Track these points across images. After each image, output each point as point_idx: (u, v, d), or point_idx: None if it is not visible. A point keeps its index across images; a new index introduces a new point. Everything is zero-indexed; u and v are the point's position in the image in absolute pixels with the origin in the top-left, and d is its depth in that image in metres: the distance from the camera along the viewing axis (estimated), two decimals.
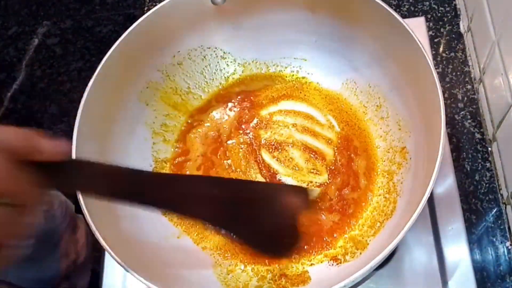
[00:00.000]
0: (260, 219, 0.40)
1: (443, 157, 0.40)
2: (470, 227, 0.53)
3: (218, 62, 0.61)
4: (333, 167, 0.55)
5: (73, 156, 0.45)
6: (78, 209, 0.43)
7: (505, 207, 0.54)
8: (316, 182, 0.55)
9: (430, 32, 0.65)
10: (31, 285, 0.62)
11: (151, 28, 0.53)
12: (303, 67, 0.61)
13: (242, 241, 0.44)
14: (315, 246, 0.51)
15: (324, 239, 0.51)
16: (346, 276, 0.38)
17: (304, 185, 0.55)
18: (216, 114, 0.61)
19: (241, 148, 0.58)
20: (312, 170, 0.55)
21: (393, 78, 0.53)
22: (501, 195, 0.54)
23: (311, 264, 0.50)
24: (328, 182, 0.55)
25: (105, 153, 0.51)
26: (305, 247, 0.51)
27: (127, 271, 0.40)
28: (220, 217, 0.39)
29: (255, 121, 0.60)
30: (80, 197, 0.43)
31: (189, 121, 0.60)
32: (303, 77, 0.61)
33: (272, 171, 0.56)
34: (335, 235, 0.51)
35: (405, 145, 0.52)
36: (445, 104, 0.56)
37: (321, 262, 0.50)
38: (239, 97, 0.61)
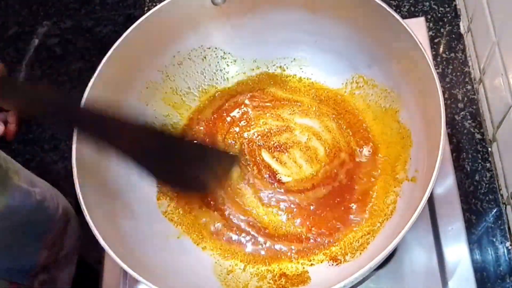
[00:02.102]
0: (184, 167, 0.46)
1: (443, 157, 0.40)
2: (470, 227, 0.53)
3: (218, 62, 0.61)
4: (333, 167, 0.55)
5: (74, 156, 0.45)
6: (78, 209, 0.43)
7: (505, 207, 0.54)
8: (317, 182, 0.55)
9: (430, 33, 0.65)
10: (2, 274, 0.62)
11: (151, 28, 0.53)
12: (304, 67, 0.61)
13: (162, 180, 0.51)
14: (316, 246, 0.51)
15: (325, 239, 0.51)
16: (346, 276, 0.38)
17: (303, 183, 0.55)
18: (216, 114, 0.60)
19: (241, 148, 0.58)
20: (313, 171, 0.55)
21: (393, 78, 0.53)
22: (501, 195, 0.55)
23: (311, 264, 0.50)
24: (328, 182, 0.55)
25: (105, 152, 0.51)
26: (305, 247, 0.51)
27: (127, 271, 0.40)
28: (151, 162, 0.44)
29: (255, 121, 0.60)
30: (80, 197, 0.43)
31: (189, 121, 0.60)
32: (304, 77, 0.61)
33: (272, 171, 0.56)
34: (335, 235, 0.51)
35: None
36: (445, 104, 0.56)
37: (321, 262, 0.50)
38: (239, 97, 0.61)
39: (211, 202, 0.55)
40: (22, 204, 0.61)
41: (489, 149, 0.57)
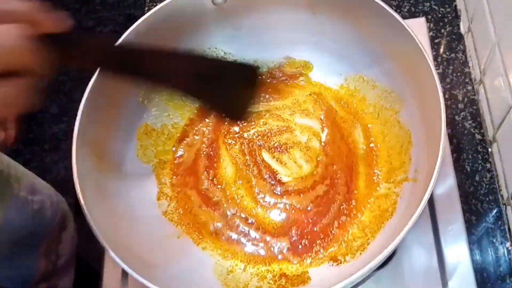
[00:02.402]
0: (221, 89, 0.43)
1: (443, 158, 0.40)
2: (470, 227, 0.53)
3: None
4: (333, 167, 0.55)
5: (74, 156, 0.45)
6: (78, 209, 0.43)
7: (505, 208, 0.54)
8: (316, 182, 0.55)
9: (431, 33, 0.65)
10: (3, 284, 0.62)
11: (151, 28, 0.53)
12: (303, 68, 0.61)
13: (208, 106, 0.50)
14: (316, 246, 0.51)
15: (325, 239, 0.51)
16: (346, 276, 0.38)
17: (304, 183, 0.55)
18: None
19: (241, 149, 0.58)
20: (313, 171, 0.55)
21: (393, 79, 0.53)
22: (501, 196, 0.55)
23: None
24: (329, 182, 0.55)
25: (105, 153, 0.51)
26: (305, 246, 0.51)
27: (127, 271, 0.40)
28: (189, 88, 0.42)
29: (255, 121, 0.60)
30: (80, 197, 0.43)
31: (190, 121, 0.60)
32: (303, 77, 0.61)
33: (272, 171, 0.56)
34: (335, 235, 0.51)
35: None
36: (446, 105, 0.56)
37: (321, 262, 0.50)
38: None
39: (211, 201, 0.55)
40: (18, 216, 0.61)
41: (489, 149, 0.57)
